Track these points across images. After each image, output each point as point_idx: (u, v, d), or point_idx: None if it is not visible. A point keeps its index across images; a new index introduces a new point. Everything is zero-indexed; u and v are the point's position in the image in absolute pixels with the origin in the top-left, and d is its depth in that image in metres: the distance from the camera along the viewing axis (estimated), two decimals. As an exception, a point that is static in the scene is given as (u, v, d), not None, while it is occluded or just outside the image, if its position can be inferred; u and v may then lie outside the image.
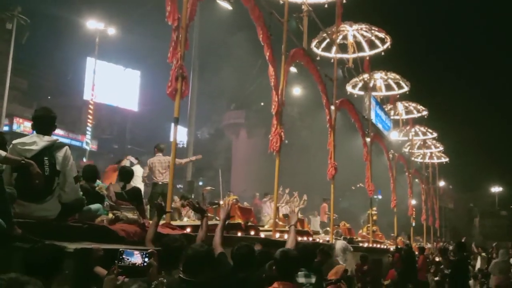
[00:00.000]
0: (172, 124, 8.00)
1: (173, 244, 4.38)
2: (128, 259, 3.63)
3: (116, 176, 9.34)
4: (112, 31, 25.45)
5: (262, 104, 36.60)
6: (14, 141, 5.11)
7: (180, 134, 33.30)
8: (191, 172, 33.93)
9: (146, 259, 3.68)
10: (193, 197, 24.37)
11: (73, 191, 5.27)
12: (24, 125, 25.64)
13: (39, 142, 4.97)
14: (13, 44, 19.76)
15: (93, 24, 24.74)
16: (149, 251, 3.78)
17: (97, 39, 25.04)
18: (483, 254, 18.90)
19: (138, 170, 11.47)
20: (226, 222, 5.84)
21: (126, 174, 7.02)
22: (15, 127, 27.64)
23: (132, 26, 30.39)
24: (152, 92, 29.36)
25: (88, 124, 25.65)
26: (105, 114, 34.18)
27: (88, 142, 25.11)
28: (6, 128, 22.74)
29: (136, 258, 3.66)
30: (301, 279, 5.47)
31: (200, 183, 40.12)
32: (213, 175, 34.84)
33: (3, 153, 4.51)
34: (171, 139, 8.18)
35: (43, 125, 5.20)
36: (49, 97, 32.87)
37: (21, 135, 21.06)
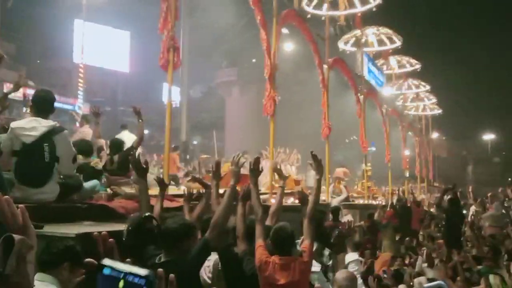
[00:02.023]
0: (164, 84, 7.94)
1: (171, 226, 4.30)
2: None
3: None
4: (99, -9, 25.01)
5: (254, 60, 36.34)
6: (13, 125, 5.03)
7: (173, 94, 33.16)
8: (185, 131, 34.04)
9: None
10: (188, 157, 24.61)
11: (71, 172, 5.32)
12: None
13: (39, 127, 4.93)
14: (-1, 9, 19.38)
15: (79, -15, 24.28)
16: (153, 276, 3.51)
17: (85, 0, 24.62)
18: (477, 203, 19.23)
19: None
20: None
21: (113, 146, 6.99)
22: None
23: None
24: (143, 53, 29.02)
25: (80, 87, 25.48)
26: (96, 76, 33.83)
27: (80, 106, 24.99)
28: (-4, 95, 22.51)
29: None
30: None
31: (195, 142, 40.32)
32: (207, 134, 34.94)
33: None
34: (163, 99, 8.13)
35: (43, 107, 5.16)
36: (38, 61, 32.47)
37: (13, 101, 20.82)
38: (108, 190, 6.53)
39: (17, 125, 4.97)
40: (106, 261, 1.34)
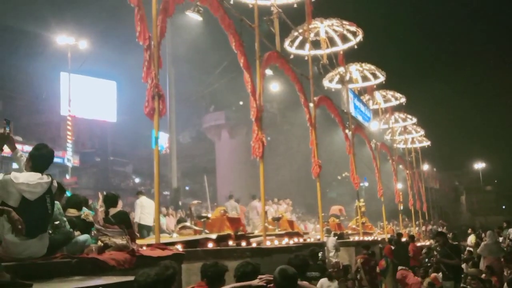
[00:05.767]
0: (153, 132, 7.83)
1: (165, 272, 4.21)
2: None
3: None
4: (83, 44, 25.23)
5: (241, 103, 36.60)
6: (17, 181, 4.85)
7: (162, 140, 33.17)
8: (176, 178, 33.83)
9: None
10: (180, 204, 24.40)
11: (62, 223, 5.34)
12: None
13: (43, 183, 4.96)
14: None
15: (63, 39, 24.53)
16: None
17: (69, 54, 24.85)
18: (474, 235, 19.15)
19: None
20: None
21: (107, 200, 6.99)
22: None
23: (103, 37, 30.14)
24: (130, 101, 29.12)
25: (68, 140, 25.45)
26: (84, 128, 33.89)
27: (69, 159, 24.87)
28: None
29: None
30: None
31: (187, 188, 40.13)
32: (198, 179, 34.81)
33: None
34: (153, 147, 8.04)
35: (42, 165, 5.14)
36: (25, 116, 32.48)
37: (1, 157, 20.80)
38: (99, 242, 6.43)
39: (22, 181, 4.85)
40: None
